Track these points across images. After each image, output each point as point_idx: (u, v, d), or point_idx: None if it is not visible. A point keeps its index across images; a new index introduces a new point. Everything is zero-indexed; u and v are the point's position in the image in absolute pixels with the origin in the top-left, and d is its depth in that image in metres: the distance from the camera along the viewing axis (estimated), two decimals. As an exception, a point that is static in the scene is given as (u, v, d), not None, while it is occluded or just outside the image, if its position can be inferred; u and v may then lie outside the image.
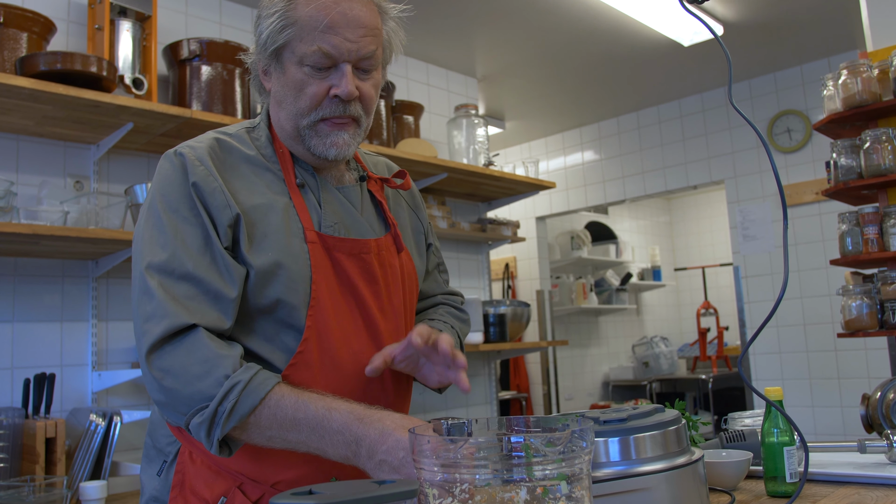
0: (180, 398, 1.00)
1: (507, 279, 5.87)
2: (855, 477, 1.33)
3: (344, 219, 1.19)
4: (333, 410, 0.99)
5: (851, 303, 2.61)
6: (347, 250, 1.16)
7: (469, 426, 0.94)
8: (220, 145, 1.15)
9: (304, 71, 1.11)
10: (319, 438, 0.99)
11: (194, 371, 0.99)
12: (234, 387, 0.98)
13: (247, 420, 0.99)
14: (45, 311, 2.42)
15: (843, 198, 2.84)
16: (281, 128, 1.18)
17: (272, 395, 1.00)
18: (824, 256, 4.27)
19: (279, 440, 1.01)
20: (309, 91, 1.11)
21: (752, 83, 4.66)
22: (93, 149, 2.57)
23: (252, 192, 1.13)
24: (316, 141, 1.14)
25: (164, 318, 1.01)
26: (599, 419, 1.08)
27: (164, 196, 1.08)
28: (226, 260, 1.06)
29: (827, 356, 4.23)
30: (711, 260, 7.61)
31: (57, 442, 2.13)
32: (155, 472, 1.18)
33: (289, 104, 1.14)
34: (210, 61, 2.66)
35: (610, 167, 5.36)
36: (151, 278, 1.04)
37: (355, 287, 1.16)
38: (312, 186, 1.19)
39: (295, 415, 0.99)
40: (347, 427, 0.97)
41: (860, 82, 2.58)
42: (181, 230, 1.06)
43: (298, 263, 1.11)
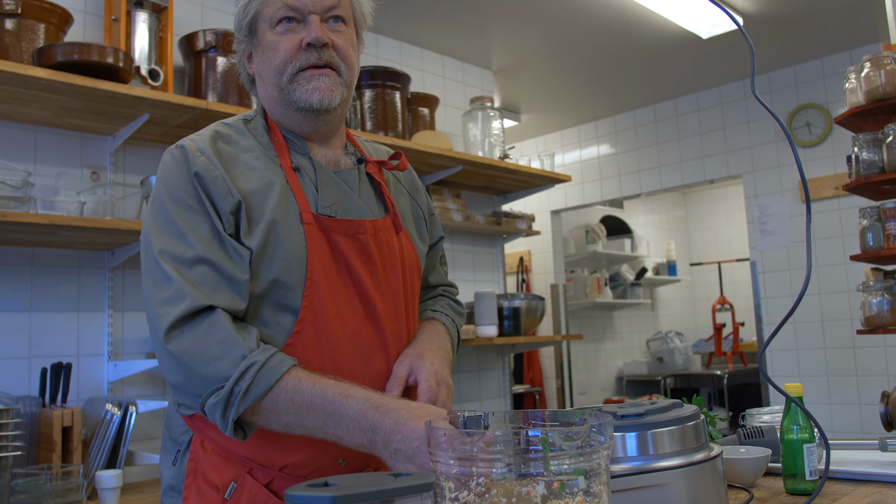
0: (197, 379, 1.01)
1: (522, 273, 5.85)
2: (876, 475, 1.32)
3: (341, 200, 1.21)
4: (350, 398, 1.00)
5: (872, 299, 2.57)
6: (343, 231, 1.18)
7: (486, 419, 0.93)
8: (219, 136, 1.19)
9: (276, 32, 1.18)
10: (336, 425, 0.99)
11: (212, 352, 1.01)
12: (251, 367, 0.99)
13: (262, 402, 1.00)
14: (61, 302, 2.43)
15: (864, 193, 2.80)
16: (269, 99, 1.22)
17: (288, 377, 1.01)
18: (843, 252, 4.22)
19: (296, 426, 1.02)
20: (282, 47, 1.17)
21: (771, 76, 4.61)
22: (109, 140, 2.58)
23: (250, 177, 1.15)
24: (299, 91, 1.17)
25: (184, 300, 1.03)
26: (617, 414, 1.07)
27: (169, 188, 1.12)
28: (233, 244, 1.09)
29: (845, 353, 4.19)
30: (727, 255, 7.54)
31: (73, 431, 2.14)
32: (171, 461, 1.20)
33: (268, 69, 1.19)
34: (226, 52, 2.66)
35: (626, 161, 5.32)
36: (167, 264, 1.06)
37: (352, 267, 1.17)
38: (308, 170, 1.22)
39: (312, 400, 1.00)
40: (364, 415, 0.98)
41: (883, 75, 2.54)
42: (188, 219, 1.09)
43: (294, 244, 1.13)
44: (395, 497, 0.68)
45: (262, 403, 1.01)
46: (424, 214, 1.41)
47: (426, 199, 1.44)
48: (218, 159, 1.13)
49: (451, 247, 3.81)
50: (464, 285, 3.79)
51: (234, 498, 1.11)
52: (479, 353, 3.85)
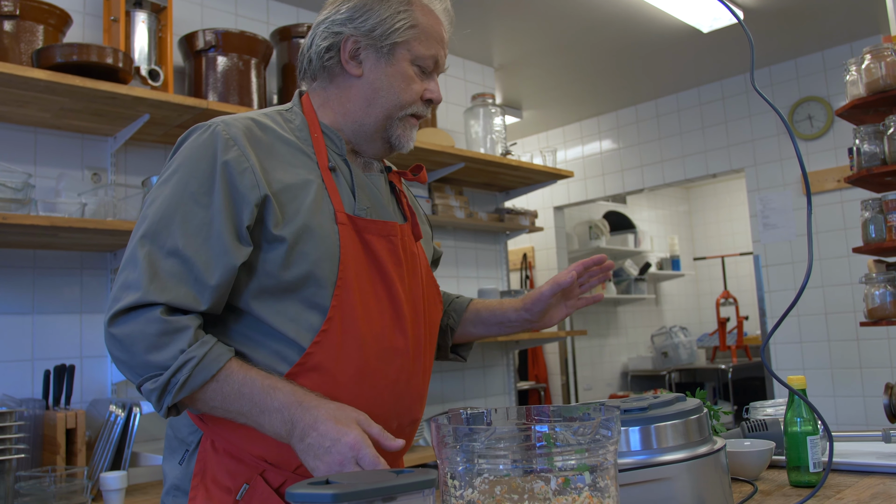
0: (137, 361, 1.04)
1: (525, 269, 5.85)
2: (880, 467, 1.31)
3: (374, 203, 1.24)
4: (277, 390, 1.04)
5: (875, 291, 2.56)
6: (378, 232, 1.20)
7: (488, 415, 0.93)
8: (256, 125, 1.18)
9: (413, 69, 1.22)
10: (259, 413, 1.04)
11: (153, 341, 1.03)
12: (189, 362, 1.03)
13: (195, 393, 1.05)
14: (64, 304, 2.43)
15: (865, 185, 2.79)
16: (364, 114, 1.23)
17: (223, 371, 1.05)
18: (846, 245, 4.21)
19: (221, 410, 1.06)
20: (415, 88, 1.22)
21: (772, 69, 4.59)
22: (110, 141, 2.58)
23: (285, 171, 1.15)
24: (400, 132, 1.23)
25: (137, 292, 1.04)
26: (620, 408, 1.07)
27: (184, 168, 1.11)
28: (223, 241, 1.07)
29: (849, 345, 4.18)
30: (731, 249, 7.53)
31: (77, 433, 2.15)
32: (177, 461, 1.19)
33: (391, 95, 1.21)
34: (226, 52, 2.65)
35: (628, 156, 5.31)
36: (142, 248, 1.07)
37: (384, 268, 1.19)
38: (344, 171, 1.23)
39: (241, 389, 1.04)
40: (287, 407, 1.03)
41: (884, 66, 2.52)
42: (185, 206, 1.08)
43: (327, 243, 1.13)
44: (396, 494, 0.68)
45: (195, 394, 1.05)
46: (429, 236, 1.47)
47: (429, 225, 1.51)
48: (251, 150, 1.12)
49: (455, 244, 3.80)
50: (467, 282, 3.79)
51: (246, 500, 1.11)
52: (483, 349, 3.85)
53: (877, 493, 1.16)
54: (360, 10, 1.20)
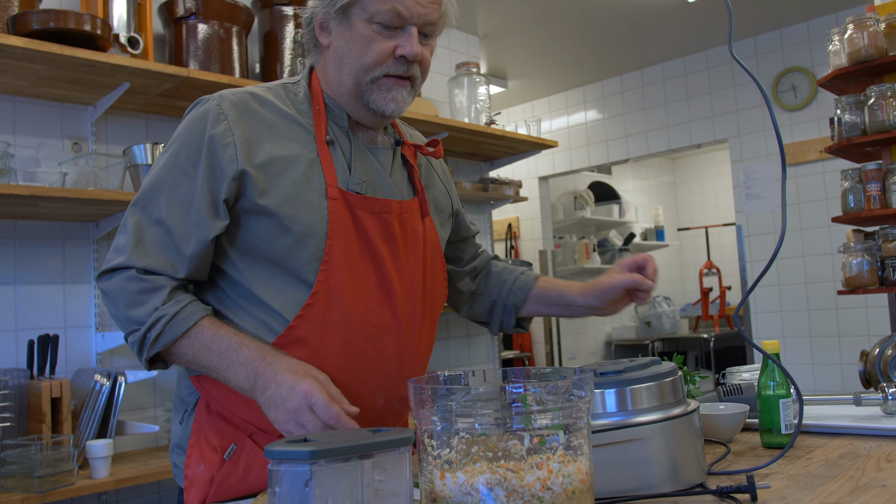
0: (120, 317, 1.13)
1: (510, 239, 5.87)
2: (849, 428, 1.35)
3: (372, 178, 1.22)
4: (243, 346, 1.09)
5: (852, 260, 2.60)
6: (369, 208, 1.19)
7: (466, 377, 0.95)
8: (252, 97, 1.19)
9: (372, 28, 1.16)
10: (227, 368, 1.08)
11: (132, 298, 1.11)
12: (161, 318, 1.08)
13: (170, 347, 1.10)
14: (47, 274, 2.43)
15: (846, 155, 2.81)
16: (339, 83, 1.21)
17: (194, 328, 1.10)
18: (827, 215, 4.25)
19: (194, 365, 1.12)
20: (375, 48, 1.16)
21: (757, 40, 4.59)
22: (90, 109, 2.55)
23: (277, 143, 1.16)
24: (376, 95, 1.19)
25: (123, 255, 1.12)
26: (596, 371, 1.09)
27: (179, 139, 1.16)
28: (201, 215, 1.12)
29: (828, 314, 4.25)
30: (715, 220, 7.58)
31: (62, 402, 2.15)
32: (178, 420, 1.24)
33: (353, 59, 1.18)
34: (206, 19, 2.62)
35: (613, 126, 5.31)
36: (132, 215, 1.15)
37: (374, 245, 1.18)
38: (343, 144, 1.22)
39: (210, 345, 1.09)
40: (251, 362, 1.07)
41: (866, 37, 2.53)
42: (172, 176, 1.14)
43: (315, 218, 1.14)
44: (372, 451, 0.70)
45: (170, 348, 1.10)
46: (452, 203, 1.43)
47: (455, 193, 1.46)
48: (241, 124, 1.14)
49: (438, 214, 3.81)
50: (451, 252, 3.80)
51: (233, 459, 1.15)
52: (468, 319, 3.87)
53: (845, 454, 1.20)
54: None
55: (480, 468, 0.80)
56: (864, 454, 1.18)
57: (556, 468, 0.79)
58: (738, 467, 1.15)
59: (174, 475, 1.24)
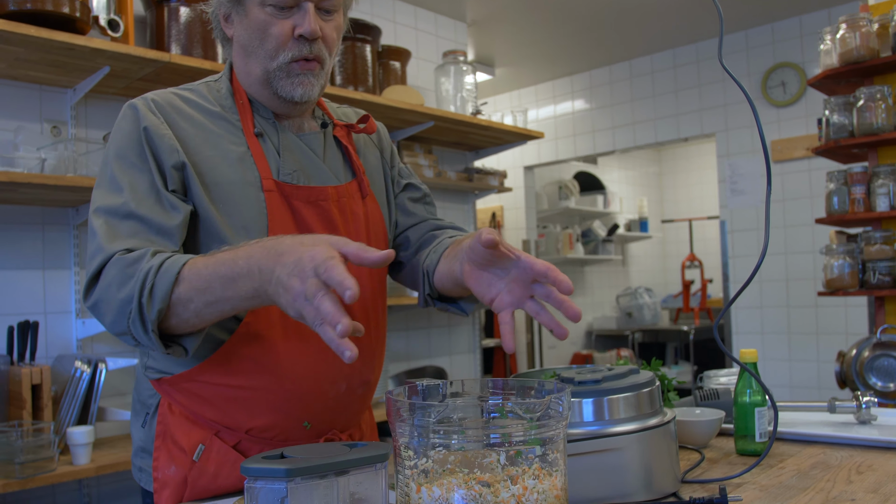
0: (115, 313, 1.01)
1: (494, 228, 5.87)
2: (822, 437, 1.36)
3: (305, 166, 1.20)
4: (240, 252, 0.97)
5: (833, 262, 2.62)
6: (305, 198, 1.17)
7: (444, 388, 0.95)
8: (177, 97, 1.18)
9: (266, 11, 1.13)
10: (232, 283, 0.95)
11: (119, 281, 1.01)
12: (147, 273, 0.98)
13: (169, 300, 0.98)
14: (26, 259, 2.40)
15: (833, 156, 2.83)
16: (248, 73, 1.19)
17: (185, 268, 0.99)
18: (811, 213, 4.28)
19: (205, 308, 0.99)
20: (273, 31, 1.13)
21: (748, 34, 4.59)
22: (69, 93, 2.51)
23: (206, 142, 1.15)
24: (284, 82, 1.16)
25: (101, 253, 1.03)
26: (574, 380, 1.09)
27: (116, 145, 1.12)
28: (170, 199, 1.09)
29: (807, 312, 4.29)
30: (699, 212, 7.62)
31: (43, 388, 2.14)
32: (140, 423, 1.22)
33: (255, 48, 1.16)
34: (189, 2, 2.58)
35: (600, 117, 5.31)
36: (97, 219, 1.07)
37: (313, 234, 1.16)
38: (272, 135, 1.20)
39: (206, 272, 0.97)
40: (250, 260, 0.94)
41: (858, 37, 2.54)
42: (129, 174, 1.09)
43: (253, 213, 1.12)
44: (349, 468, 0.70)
45: (170, 302, 0.98)
46: (389, 170, 1.38)
47: (391, 155, 1.40)
48: (169, 119, 1.13)
49: (423, 203, 3.80)
50: (435, 242, 3.80)
51: (203, 459, 1.13)
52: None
53: (816, 463, 1.21)
54: None
55: (457, 481, 0.80)
56: (835, 464, 1.20)
57: (532, 485, 0.80)
58: (711, 475, 1.16)
59: (138, 479, 1.22)
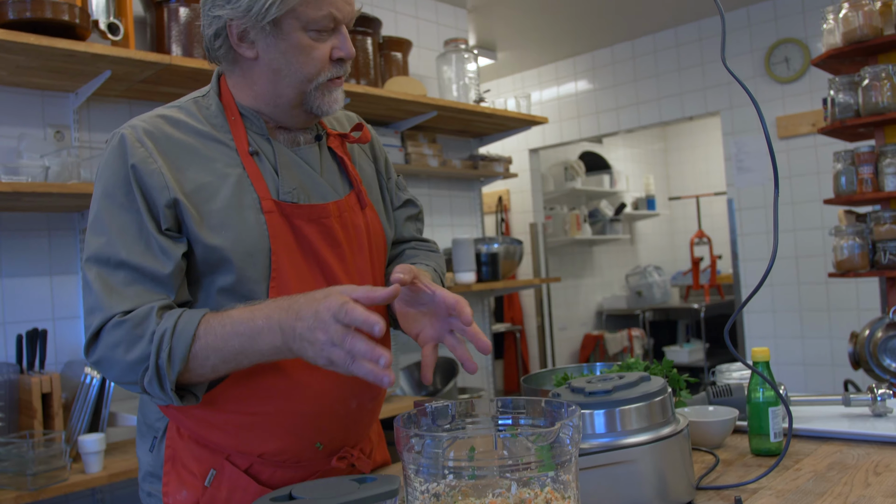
0: (125, 371, 1.02)
1: (501, 212, 5.85)
2: (838, 433, 1.35)
3: (303, 182, 1.18)
4: (256, 311, 1.00)
5: (843, 243, 2.60)
6: (307, 216, 1.15)
7: (453, 408, 0.94)
8: (165, 121, 1.13)
9: (308, 36, 1.12)
10: (251, 342, 0.99)
11: (126, 343, 1.01)
12: (163, 337, 1.00)
13: (187, 361, 1.01)
14: (33, 266, 2.40)
15: (839, 135, 2.79)
16: (275, 95, 1.16)
17: (200, 329, 1.01)
18: (819, 189, 4.24)
19: (222, 364, 1.02)
20: (316, 55, 1.13)
21: (750, 10, 4.53)
22: (71, 97, 2.50)
23: (201, 168, 1.11)
24: (320, 101, 1.16)
25: (100, 312, 1.03)
26: (585, 391, 1.08)
27: (103, 181, 1.09)
28: (160, 243, 1.06)
29: (818, 288, 4.26)
30: (706, 188, 7.56)
31: (53, 396, 2.15)
32: (147, 447, 1.20)
33: (293, 71, 1.13)
34: (188, 2, 2.55)
35: (604, 98, 5.26)
36: (89, 270, 1.06)
37: (317, 253, 1.16)
38: (267, 153, 1.18)
39: (223, 331, 1.00)
40: (270, 319, 0.98)
41: (861, 16, 2.49)
42: (116, 217, 1.07)
43: (254, 236, 1.10)
44: (360, 506, 0.69)
45: (188, 363, 1.01)
46: (381, 174, 1.37)
47: (385, 165, 1.39)
48: (160, 149, 1.09)
49: (428, 191, 3.78)
50: (441, 230, 3.79)
51: (215, 485, 1.12)
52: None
53: (833, 463, 1.20)
54: None
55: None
56: (852, 464, 1.19)
57: (545, 510, 0.79)
58: (726, 480, 1.16)
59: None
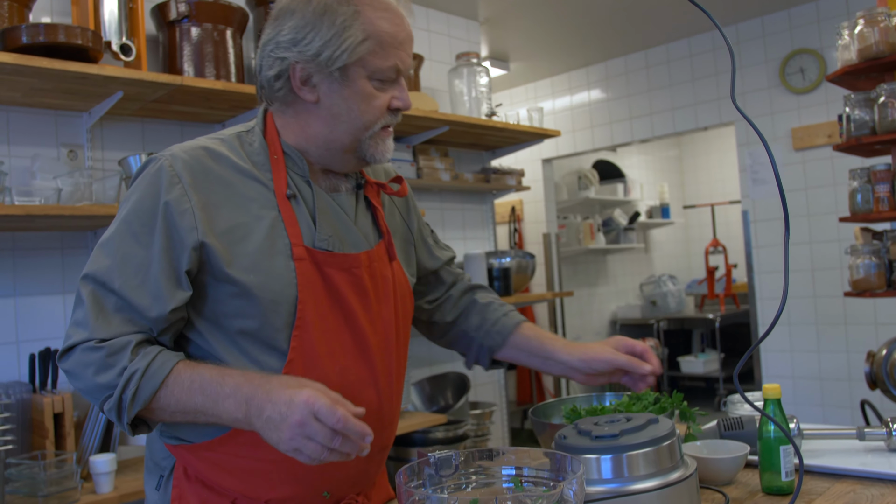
0: (90, 388, 1.05)
1: (513, 223, 5.84)
2: (852, 471, 1.33)
3: (338, 230, 1.18)
4: (227, 376, 1.03)
5: (859, 262, 2.56)
6: (339, 265, 1.15)
7: (457, 458, 0.93)
8: (207, 154, 1.13)
9: (372, 85, 1.13)
10: (214, 403, 1.02)
11: (98, 366, 1.03)
12: (133, 375, 1.02)
13: (150, 403, 1.03)
14: (46, 285, 2.42)
15: (855, 151, 2.76)
16: (329, 140, 1.16)
17: (170, 376, 1.03)
18: (835, 201, 4.20)
19: (181, 414, 1.05)
20: (377, 104, 1.14)
21: (764, 20, 4.49)
22: (85, 116, 2.52)
23: (236, 206, 1.11)
24: (374, 149, 1.17)
25: (85, 330, 1.05)
26: (592, 434, 1.07)
27: (129, 205, 1.10)
28: (158, 285, 1.06)
29: (835, 301, 4.21)
30: (721, 195, 7.51)
31: (65, 416, 2.16)
32: (154, 485, 1.20)
33: (353, 118, 1.14)
34: (200, 22, 2.56)
35: (617, 108, 5.23)
36: (85, 287, 1.07)
37: (346, 302, 1.15)
38: (306, 196, 1.17)
39: (191, 386, 1.03)
40: (238, 389, 1.01)
41: (878, 32, 2.46)
42: (125, 244, 1.07)
43: (282, 283, 1.10)
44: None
45: (150, 405, 1.04)
46: (414, 239, 1.38)
47: (418, 222, 1.40)
48: (196, 184, 1.09)
49: (440, 205, 3.78)
50: (454, 243, 3.78)
51: None
52: (470, 311, 3.86)
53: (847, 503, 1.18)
54: (302, 30, 1.10)
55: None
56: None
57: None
58: (736, 523, 1.14)
59: None
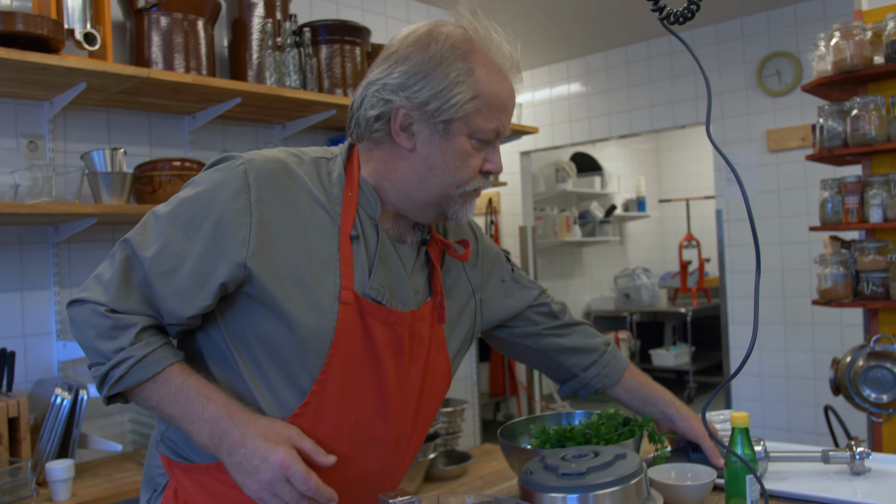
0: (87, 346, 1.06)
1: (490, 214, 5.81)
2: (815, 498, 1.33)
3: (391, 282, 1.13)
4: (210, 400, 1.03)
5: (827, 272, 2.57)
6: (383, 319, 1.10)
7: (418, 503, 0.91)
8: (286, 172, 1.09)
9: (471, 143, 1.10)
10: (190, 422, 1.03)
11: (102, 331, 1.04)
12: (127, 360, 1.02)
13: (133, 389, 1.05)
14: (2, 281, 2.34)
15: (827, 161, 2.77)
16: (417, 189, 1.11)
17: (161, 374, 1.04)
18: (806, 203, 4.23)
19: (157, 410, 1.06)
20: (472, 164, 1.11)
21: (743, 21, 4.48)
22: (46, 106, 2.43)
23: (297, 232, 1.07)
24: (458, 208, 1.14)
25: (106, 293, 1.04)
26: (559, 471, 1.05)
27: (195, 190, 1.07)
28: (185, 285, 1.04)
29: (803, 302, 4.25)
30: (697, 189, 7.56)
31: (20, 421, 2.10)
32: (146, 498, 1.19)
33: (447, 173, 1.10)
34: (170, 11, 2.48)
35: (596, 103, 5.21)
36: (121, 251, 1.07)
37: (379, 358, 1.11)
38: (370, 239, 1.13)
39: (176, 394, 1.04)
40: (217, 420, 1.01)
41: (853, 45, 2.46)
42: (173, 232, 1.05)
43: (321, 323, 1.06)
44: None
45: (133, 390, 1.05)
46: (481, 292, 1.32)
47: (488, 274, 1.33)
48: (264, 201, 1.05)
49: (415, 201, 3.73)
50: (427, 240, 3.74)
51: None
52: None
53: (809, 538, 1.18)
54: (414, 76, 1.07)
55: None
56: (828, 540, 1.17)
57: None
58: (700, 557, 1.13)
59: None
